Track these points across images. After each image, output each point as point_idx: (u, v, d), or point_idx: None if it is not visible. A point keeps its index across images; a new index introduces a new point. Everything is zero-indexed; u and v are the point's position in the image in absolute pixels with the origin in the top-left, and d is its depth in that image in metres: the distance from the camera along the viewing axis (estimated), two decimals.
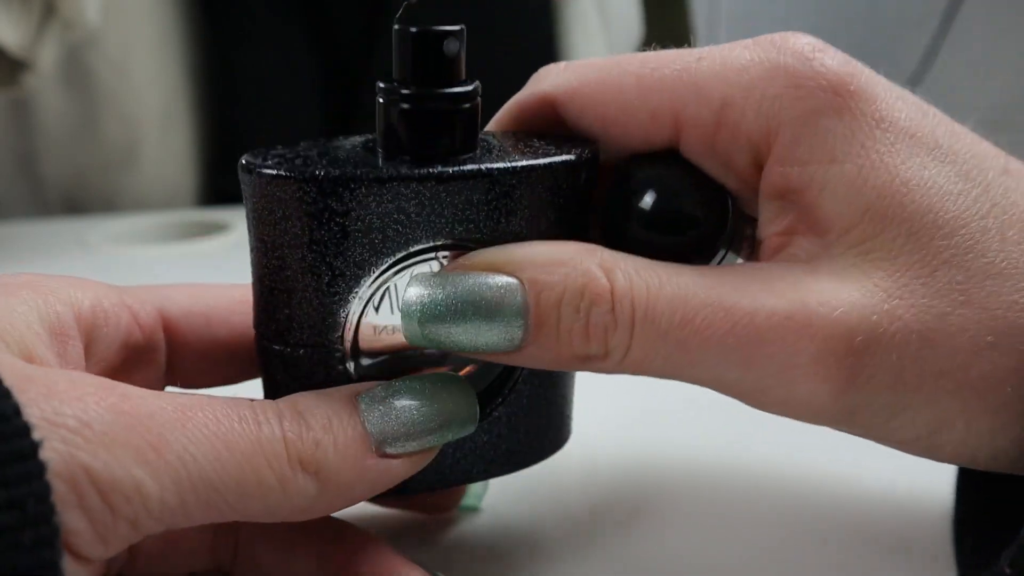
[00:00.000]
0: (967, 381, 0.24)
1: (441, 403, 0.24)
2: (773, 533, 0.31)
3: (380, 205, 0.23)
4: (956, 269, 0.24)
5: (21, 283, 0.24)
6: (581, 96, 0.27)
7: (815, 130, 0.25)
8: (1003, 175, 0.26)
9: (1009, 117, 1.33)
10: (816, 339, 0.24)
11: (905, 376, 0.24)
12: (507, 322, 0.24)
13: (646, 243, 0.26)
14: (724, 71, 0.26)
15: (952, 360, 0.24)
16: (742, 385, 0.25)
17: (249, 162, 0.24)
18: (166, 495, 0.20)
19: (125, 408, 0.20)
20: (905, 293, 0.24)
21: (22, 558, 0.18)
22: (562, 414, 0.29)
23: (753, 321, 0.24)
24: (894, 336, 0.24)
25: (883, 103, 0.26)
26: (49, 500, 0.18)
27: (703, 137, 0.26)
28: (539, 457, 0.28)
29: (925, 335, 0.24)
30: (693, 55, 0.27)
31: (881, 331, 0.24)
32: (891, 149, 0.25)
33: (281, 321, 0.25)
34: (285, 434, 0.22)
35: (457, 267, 0.24)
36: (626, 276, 0.24)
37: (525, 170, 0.24)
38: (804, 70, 0.25)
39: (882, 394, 0.24)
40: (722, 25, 1.43)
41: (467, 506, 0.31)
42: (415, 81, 0.24)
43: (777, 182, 0.26)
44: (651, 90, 0.26)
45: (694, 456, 0.36)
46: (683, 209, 0.27)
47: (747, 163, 0.26)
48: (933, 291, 0.24)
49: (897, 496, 0.33)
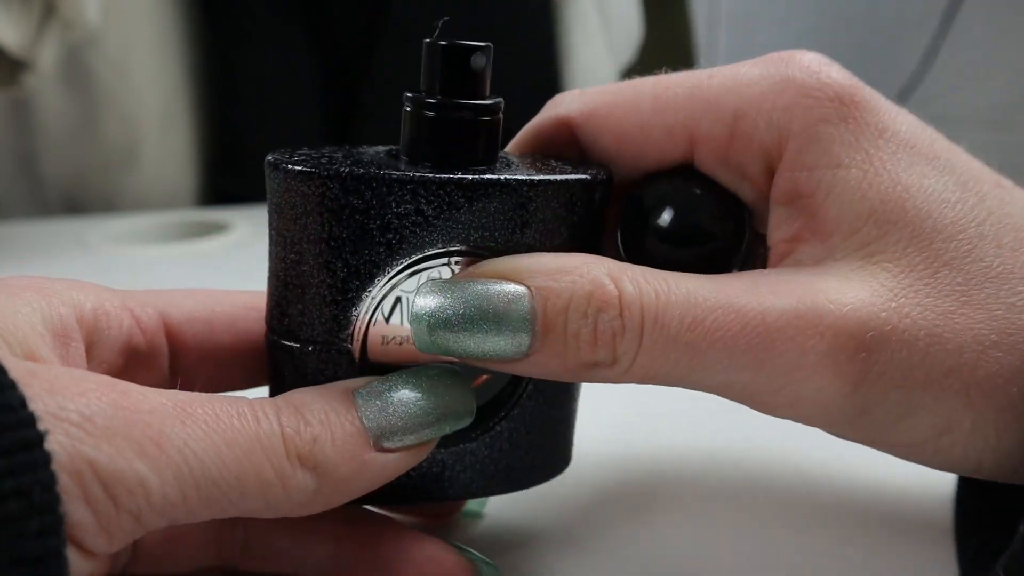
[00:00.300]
0: (974, 380, 0.25)
1: (438, 396, 0.24)
2: (778, 536, 0.31)
3: (399, 205, 0.24)
4: (956, 271, 0.25)
5: (24, 285, 0.24)
6: (597, 117, 0.28)
7: (822, 137, 0.26)
8: (997, 187, 0.27)
9: (1009, 117, 1.33)
10: (826, 336, 0.24)
11: (914, 374, 0.24)
12: (515, 329, 0.24)
13: (664, 257, 0.27)
14: (736, 86, 0.27)
15: (959, 357, 0.25)
16: (752, 388, 0.25)
17: (275, 159, 0.25)
18: (168, 489, 0.20)
19: (126, 404, 0.20)
20: (910, 292, 0.25)
21: (28, 546, 0.18)
22: (563, 438, 0.29)
23: (764, 321, 0.24)
24: (903, 333, 0.24)
25: (885, 115, 0.27)
26: (54, 489, 0.19)
27: (717, 150, 0.27)
28: (537, 479, 0.29)
29: (932, 332, 0.25)
30: (704, 74, 0.28)
31: (890, 328, 0.24)
32: (893, 157, 0.26)
33: (293, 317, 0.25)
34: (283, 430, 0.22)
35: (466, 275, 0.25)
36: (634, 283, 0.24)
37: (542, 184, 0.25)
38: (812, 82, 0.26)
39: (892, 393, 0.25)
40: (722, 25, 1.43)
41: (470, 512, 0.31)
42: (441, 91, 0.25)
43: (787, 187, 0.26)
44: (665, 108, 0.27)
45: (698, 460, 0.36)
46: (701, 221, 0.27)
47: (760, 172, 0.27)
48: (936, 291, 0.25)
49: (901, 495, 0.33)
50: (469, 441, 0.27)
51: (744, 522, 0.31)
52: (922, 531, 0.30)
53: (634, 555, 0.29)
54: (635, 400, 0.39)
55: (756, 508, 0.32)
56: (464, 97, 0.25)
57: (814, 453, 0.35)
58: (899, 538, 0.30)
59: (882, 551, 0.29)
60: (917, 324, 0.24)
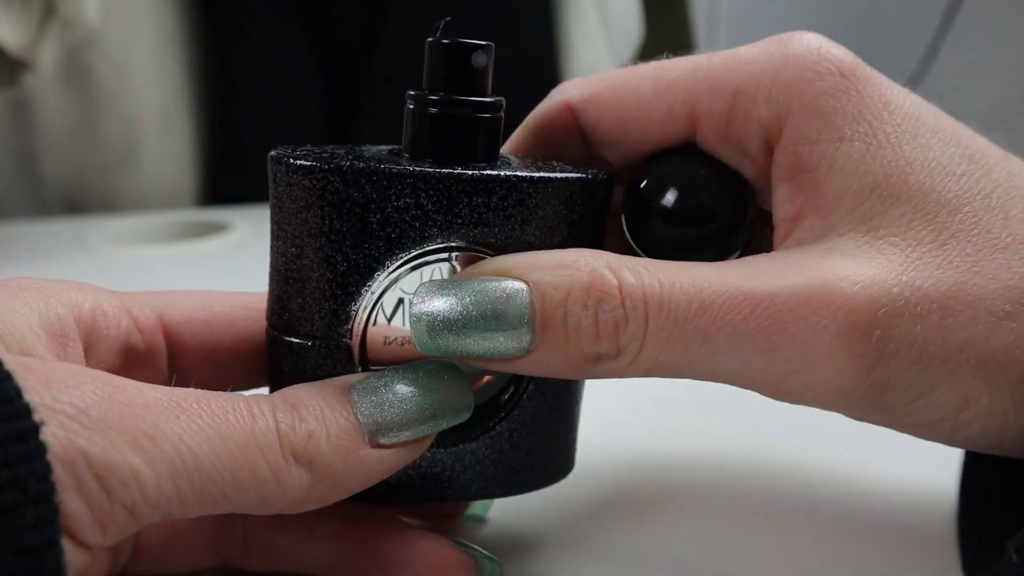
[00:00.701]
0: (990, 353, 0.24)
1: (434, 391, 0.24)
2: (784, 541, 0.30)
3: (399, 199, 0.24)
4: (964, 243, 0.25)
5: (23, 286, 0.24)
6: (599, 101, 0.28)
7: (824, 110, 0.26)
8: (1004, 160, 0.27)
9: (1009, 117, 1.33)
10: (838, 316, 0.24)
11: (930, 349, 0.24)
12: (515, 325, 0.24)
13: (669, 239, 0.27)
14: (736, 64, 0.27)
15: (973, 329, 0.24)
16: (765, 373, 0.24)
17: (279, 154, 0.25)
18: (162, 483, 0.20)
19: (121, 398, 0.20)
20: (920, 266, 0.24)
21: (24, 537, 0.18)
22: (566, 441, 0.29)
23: (774, 303, 0.24)
24: (916, 307, 0.24)
25: (888, 90, 0.26)
26: (50, 479, 0.19)
27: (717, 127, 0.27)
28: (539, 483, 0.28)
29: (945, 305, 0.24)
30: (705, 56, 0.27)
31: (902, 303, 0.24)
32: (897, 130, 0.26)
33: (293, 311, 0.25)
34: (278, 426, 0.22)
35: (464, 275, 0.25)
36: (634, 273, 0.24)
37: (542, 180, 0.25)
38: (813, 57, 0.26)
39: (908, 370, 0.24)
40: (722, 25, 1.43)
41: (473, 516, 0.31)
42: (443, 89, 0.25)
43: (788, 162, 0.26)
44: (666, 89, 0.27)
45: (703, 462, 0.36)
46: (703, 199, 0.27)
47: (759, 149, 0.27)
48: (946, 263, 0.25)
49: (906, 497, 0.33)
50: (469, 441, 0.27)
51: (749, 526, 0.31)
52: (928, 534, 0.30)
53: (638, 558, 0.29)
54: (639, 402, 0.39)
55: (762, 512, 0.32)
56: (465, 95, 0.25)
57: (820, 455, 0.35)
58: (904, 541, 0.30)
59: (887, 553, 0.29)
60: (929, 297, 0.24)
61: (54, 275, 0.26)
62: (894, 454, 0.30)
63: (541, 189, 0.25)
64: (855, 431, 0.31)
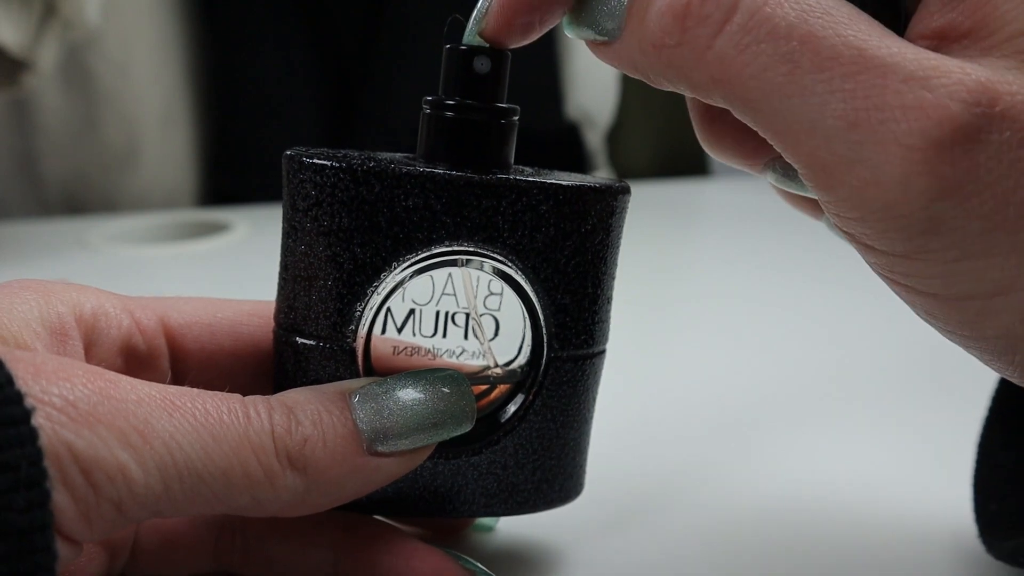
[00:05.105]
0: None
1: (436, 401, 0.24)
2: (795, 562, 0.30)
3: (408, 199, 0.24)
4: None
5: (25, 286, 0.24)
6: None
7: None
8: None
9: None
10: (932, 118, 0.20)
11: (1007, 211, 0.21)
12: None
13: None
14: None
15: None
16: (829, 143, 0.21)
17: (293, 152, 0.25)
18: (150, 480, 0.20)
19: (112, 392, 0.20)
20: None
21: (15, 519, 0.18)
22: (574, 462, 0.28)
23: (885, 74, 0.21)
24: (1014, 123, 0.20)
25: None
26: (41, 464, 0.19)
27: None
28: (545, 504, 0.28)
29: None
30: None
31: (999, 110, 0.20)
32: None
33: (299, 310, 0.25)
34: (274, 428, 0.22)
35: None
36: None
37: (554, 188, 0.25)
38: None
39: (973, 222, 0.21)
40: None
41: (481, 526, 0.30)
42: (457, 94, 0.25)
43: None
44: None
45: (710, 481, 0.36)
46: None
47: None
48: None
49: (912, 514, 0.32)
50: (472, 454, 0.26)
51: (759, 545, 0.31)
52: (936, 552, 0.30)
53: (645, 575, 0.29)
54: (647, 419, 0.39)
55: (771, 531, 0.32)
56: (479, 101, 0.25)
57: (830, 477, 0.35)
58: (910, 558, 0.30)
59: (890, 570, 0.29)
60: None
61: (54, 275, 0.26)
62: (901, 477, 0.29)
63: (552, 195, 0.25)
64: (864, 453, 0.31)
